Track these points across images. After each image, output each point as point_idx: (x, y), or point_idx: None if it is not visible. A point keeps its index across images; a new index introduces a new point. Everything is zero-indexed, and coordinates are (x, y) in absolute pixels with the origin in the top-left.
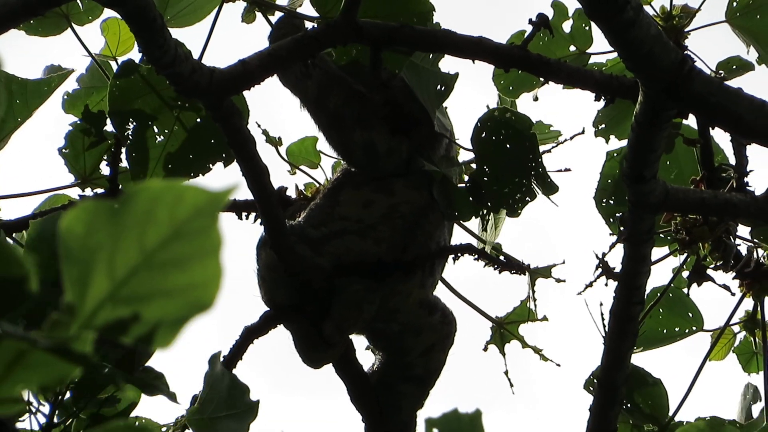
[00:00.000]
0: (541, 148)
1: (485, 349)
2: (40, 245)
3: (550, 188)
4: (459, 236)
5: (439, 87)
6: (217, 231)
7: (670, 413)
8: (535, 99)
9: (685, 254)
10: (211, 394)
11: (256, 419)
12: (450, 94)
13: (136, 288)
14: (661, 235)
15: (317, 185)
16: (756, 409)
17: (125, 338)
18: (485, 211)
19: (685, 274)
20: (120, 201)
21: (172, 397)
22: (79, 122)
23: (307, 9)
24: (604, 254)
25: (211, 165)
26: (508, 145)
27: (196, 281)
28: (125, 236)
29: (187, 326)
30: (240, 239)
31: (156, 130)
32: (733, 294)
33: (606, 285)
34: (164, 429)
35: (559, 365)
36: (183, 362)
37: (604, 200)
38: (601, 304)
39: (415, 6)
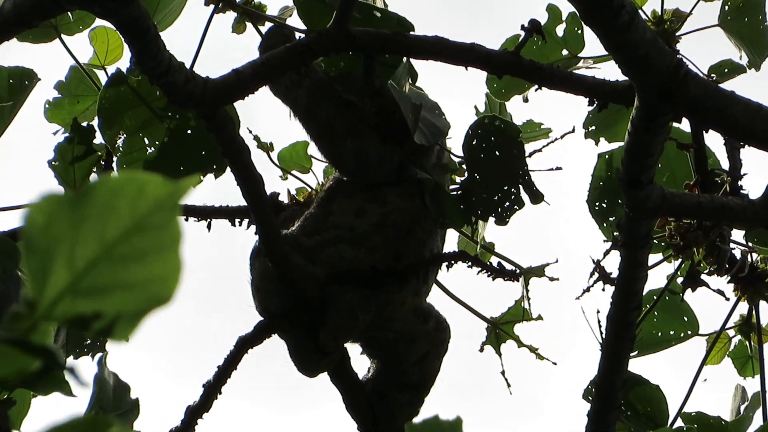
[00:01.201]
0: (532, 146)
1: (481, 349)
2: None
3: (536, 196)
4: (448, 235)
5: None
6: (177, 225)
7: (671, 418)
8: (525, 100)
9: (680, 259)
10: (100, 394)
11: (138, 418)
12: (418, 123)
13: (96, 281)
14: (655, 241)
15: (309, 190)
16: (742, 409)
17: (84, 331)
18: (474, 219)
19: (680, 279)
20: (81, 193)
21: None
22: (67, 135)
23: (295, 21)
24: (599, 259)
25: (202, 176)
26: (497, 153)
27: (156, 275)
28: (86, 228)
29: (145, 319)
30: (233, 248)
31: (147, 141)
32: (727, 299)
33: (603, 290)
34: None
35: (555, 363)
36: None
37: (597, 204)
38: (598, 312)
39: (393, 26)
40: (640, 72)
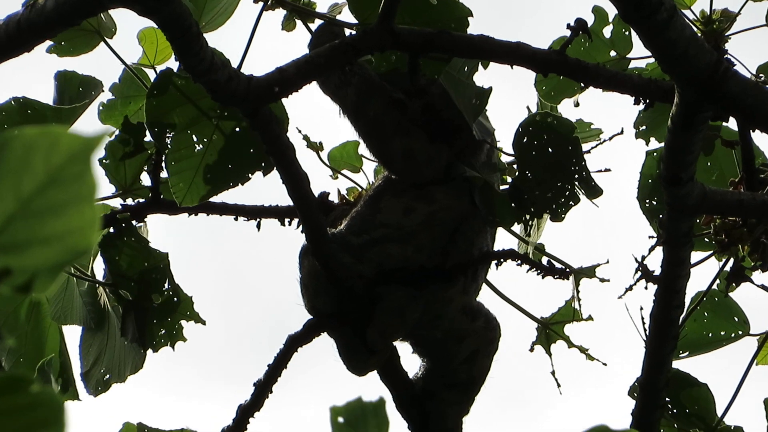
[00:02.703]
0: (582, 147)
1: (531, 349)
2: None
3: (594, 192)
4: (502, 237)
5: (474, 101)
6: (92, 176)
7: (718, 417)
8: (576, 105)
9: (726, 257)
10: None
11: None
12: (484, 108)
13: (13, 236)
14: (705, 240)
15: (359, 189)
16: None
17: (3, 287)
18: (528, 217)
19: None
20: None
21: None
22: (118, 133)
23: (346, 16)
24: (643, 257)
25: (250, 174)
26: (550, 149)
27: (73, 227)
28: (0, 185)
29: (62, 271)
30: (283, 247)
31: (195, 138)
32: None
33: (646, 288)
34: None
35: (605, 364)
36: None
37: (647, 201)
38: (642, 308)
39: (452, 12)
40: (679, 69)
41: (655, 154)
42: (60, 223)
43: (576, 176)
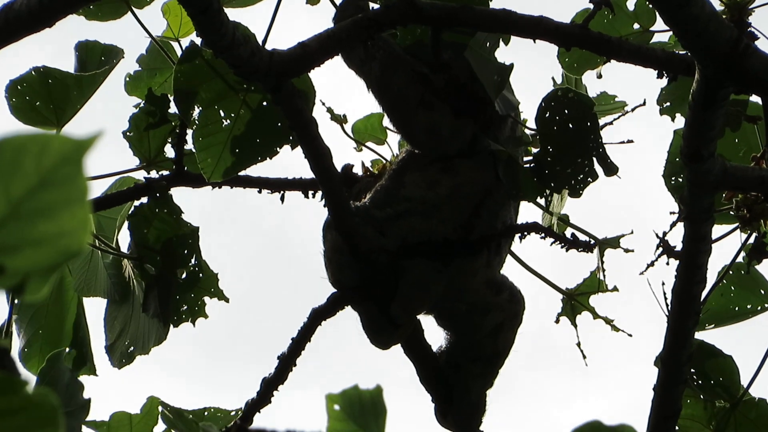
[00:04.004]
0: (605, 120)
1: (557, 321)
2: None
3: (610, 169)
4: (526, 207)
5: (495, 77)
6: (83, 178)
7: (743, 388)
8: (599, 76)
9: (749, 231)
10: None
11: (88, 416)
12: (506, 84)
13: (5, 239)
14: (731, 213)
15: (384, 162)
16: None
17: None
18: (548, 192)
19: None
20: None
21: None
22: (142, 105)
23: None
24: (665, 233)
25: (278, 148)
26: (570, 125)
27: (65, 229)
28: None
29: (56, 273)
30: (307, 220)
31: (222, 113)
32: None
33: (667, 264)
34: None
35: (630, 335)
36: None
37: (673, 178)
38: (663, 284)
39: None
40: (699, 45)
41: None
42: (52, 224)
43: (594, 152)
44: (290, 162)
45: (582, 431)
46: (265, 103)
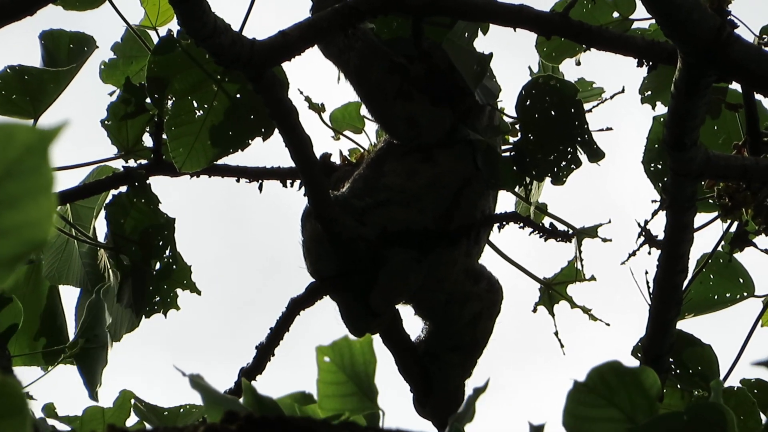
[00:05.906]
0: (585, 106)
1: (534, 310)
2: None
3: (596, 154)
4: (503, 196)
5: (475, 67)
6: (49, 169)
7: (721, 377)
8: (578, 64)
9: (730, 220)
10: None
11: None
12: (485, 74)
13: None
14: (710, 201)
15: (362, 150)
16: None
17: None
18: (529, 180)
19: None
20: None
21: None
22: (119, 93)
23: None
24: (646, 222)
25: (250, 140)
26: (552, 113)
27: (30, 219)
28: None
29: (21, 263)
30: (286, 210)
31: (195, 104)
32: None
33: (649, 254)
34: None
35: (608, 324)
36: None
37: (652, 165)
38: (647, 272)
39: None
40: (682, 34)
41: (662, 119)
42: (17, 215)
43: (578, 139)
44: (267, 152)
45: (601, 370)
46: (238, 95)
